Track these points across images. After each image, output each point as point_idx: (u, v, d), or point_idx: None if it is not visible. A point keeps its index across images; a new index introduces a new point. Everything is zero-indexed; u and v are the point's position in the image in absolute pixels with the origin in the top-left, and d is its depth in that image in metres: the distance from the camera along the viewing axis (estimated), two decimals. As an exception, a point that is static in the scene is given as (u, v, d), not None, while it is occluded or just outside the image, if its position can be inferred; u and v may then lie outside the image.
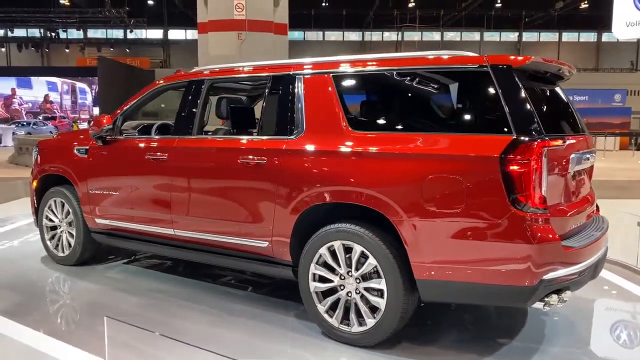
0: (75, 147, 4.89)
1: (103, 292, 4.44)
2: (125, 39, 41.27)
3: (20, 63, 42.40)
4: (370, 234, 3.23)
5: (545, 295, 2.94)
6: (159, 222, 4.31)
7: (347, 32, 48.75)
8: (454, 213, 2.98)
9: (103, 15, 32.17)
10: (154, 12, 40.83)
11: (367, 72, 3.54)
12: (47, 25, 36.61)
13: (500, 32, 49.57)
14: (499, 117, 2.95)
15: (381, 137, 3.31)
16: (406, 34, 48.17)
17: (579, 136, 3.51)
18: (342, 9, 43.90)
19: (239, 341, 3.48)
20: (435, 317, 3.90)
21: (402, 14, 44.63)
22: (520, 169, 2.83)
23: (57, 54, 44.23)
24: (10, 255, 5.62)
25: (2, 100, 35.83)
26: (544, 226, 2.87)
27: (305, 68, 3.74)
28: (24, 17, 34.24)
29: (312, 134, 3.56)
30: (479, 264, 2.96)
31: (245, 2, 18.62)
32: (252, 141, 3.86)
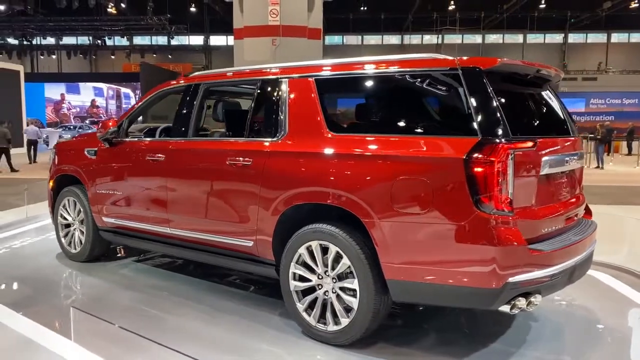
0: (85, 149, 5.13)
1: (107, 288, 4.64)
2: (169, 45, 42.46)
3: (70, 69, 44.35)
4: (344, 234, 3.29)
5: (513, 298, 2.91)
6: (156, 221, 4.49)
7: (386, 35, 48.58)
8: (421, 214, 3.00)
9: (145, 23, 33.24)
10: (196, 19, 41.85)
11: (344, 76, 3.61)
12: (94, 33, 38.18)
13: (545, 34, 48.31)
14: (467, 119, 2.96)
15: (355, 140, 3.37)
16: (446, 36, 47.62)
17: (563, 138, 3.46)
18: (381, 12, 43.77)
19: (218, 337, 3.59)
20: (418, 319, 3.92)
21: (442, 17, 44.14)
22: (484, 171, 2.83)
23: (104, 61, 45.95)
24: (29, 251, 5.94)
25: (52, 105, 37.55)
26: (509, 228, 2.86)
27: (290, 72, 3.83)
28: (72, 25, 35.78)
29: (294, 136, 3.65)
30: (446, 266, 2.97)
31: (280, 8, 18.88)
32: (239, 143, 3.98)
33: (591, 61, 45.72)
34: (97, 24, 35.58)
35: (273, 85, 3.86)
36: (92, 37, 39.32)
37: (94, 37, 39.16)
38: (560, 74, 3.76)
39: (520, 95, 3.44)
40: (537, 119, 3.51)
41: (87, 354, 3.23)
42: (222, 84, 4.47)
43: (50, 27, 36.44)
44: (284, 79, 3.80)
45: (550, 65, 3.55)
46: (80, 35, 41.06)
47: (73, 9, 28.03)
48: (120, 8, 30.12)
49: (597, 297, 4.51)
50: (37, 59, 44.27)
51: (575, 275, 3.27)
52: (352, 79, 3.60)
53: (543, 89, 3.70)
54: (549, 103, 3.66)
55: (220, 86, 4.52)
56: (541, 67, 3.40)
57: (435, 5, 41.06)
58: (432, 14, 43.22)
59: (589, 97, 40.65)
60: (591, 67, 45.12)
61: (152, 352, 3.32)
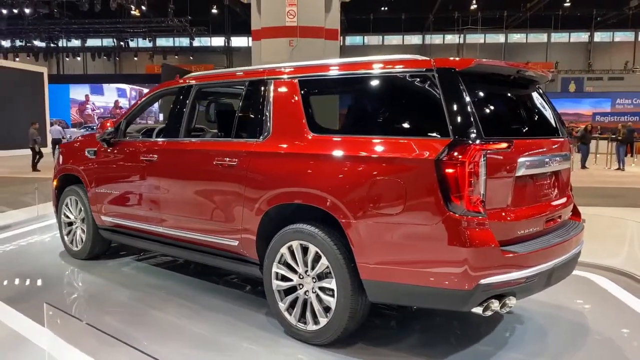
0: (86, 149, 5.26)
1: (105, 285, 4.74)
2: (190, 47, 43.00)
3: (95, 71, 45.26)
4: (322, 234, 3.31)
5: (485, 300, 2.90)
6: (150, 220, 4.58)
7: (407, 35, 48.32)
8: (394, 215, 3.00)
9: (166, 25, 33.72)
10: (217, 20, 42.26)
11: (325, 77, 3.63)
12: (117, 35, 38.92)
13: (570, 33, 47.47)
14: (441, 120, 2.95)
15: (332, 140, 3.39)
16: (468, 36, 47.16)
17: (545, 140, 3.43)
18: (402, 12, 43.53)
19: (201, 334, 3.65)
20: (403, 321, 3.91)
21: (463, 16, 43.72)
22: (455, 172, 2.82)
23: (127, 62, 46.76)
24: (35, 249, 6.10)
25: (77, 105, 38.35)
26: (481, 230, 2.84)
27: (275, 73, 3.87)
28: (95, 27, 36.53)
29: (277, 137, 3.68)
30: (419, 267, 2.97)
31: (297, 9, 18.93)
32: (226, 143, 4.04)
33: (617, 60, 44.75)
34: (119, 26, 36.26)
35: (259, 86, 3.90)
36: (116, 39, 40.12)
37: (117, 39, 39.94)
38: (547, 75, 3.72)
39: (501, 96, 3.42)
40: (518, 120, 3.47)
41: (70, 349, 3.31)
42: (213, 85, 4.53)
43: (74, 29, 37.26)
44: (270, 80, 3.84)
45: (535, 66, 3.51)
46: (104, 37, 41.92)
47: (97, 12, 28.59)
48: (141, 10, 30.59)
49: (589, 300, 4.45)
50: (63, 60, 45.30)
51: (554, 277, 3.24)
52: (333, 81, 3.63)
53: (529, 89, 3.67)
54: (534, 104, 3.63)
55: (212, 87, 4.58)
56: (523, 68, 3.37)
57: (456, 5, 40.68)
58: (453, 14, 42.86)
59: (615, 97, 39.84)
60: (617, 67, 44.17)
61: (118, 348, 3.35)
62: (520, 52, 46.72)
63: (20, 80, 22.44)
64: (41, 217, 7.56)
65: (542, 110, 3.65)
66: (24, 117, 20.97)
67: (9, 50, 39.27)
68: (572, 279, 4.89)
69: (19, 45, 38.00)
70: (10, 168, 16.31)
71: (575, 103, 44.23)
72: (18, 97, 21.66)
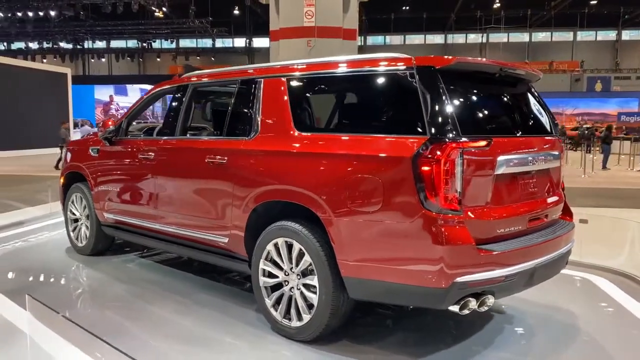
0: (90, 148, 5.38)
1: (105, 280, 4.85)
2: (213, 48, 43.42)
3: (120, 72, 46.07)
4: (306, 231, 3.34)
5: (462, 298, 2.89)
6: (148, 217, 4.67)
7: (429, 35, 47.99)
8: (373, 213, 3.01)
9: (188, 26, 34.13)
10: (239, 21, 42.60)
11: (310, 76, 3.66)
12: (139, 36, 39.56)
13: (596, 31, 46.55)
14: (420, 118, 2.95)
15: (315, 138, 3.42)
16: (491, 35, 46.61)
17: (531, 138, 3.40)
18: (423, 12, 43.25)
19: (188, 328, 3.71)
20: (391, 319, 3.92)
21: (486, 15, 43.25)
22: (431, 170, 2.82)
23: (151, 63, 47.47)
24: (43, 244, 6.26)
25: (101, 106, 39.06)
26: (456, 228, 2.84)
27: (265, 72, 3.91)
28: (119, 29, 37.18)
29: (265, 135, 3.72)
30: (396, 264, 2.98)
31: (315, 9, 18.98)
32: (217, 142, 4.10)
33: (646, 59, 43.75)
34: (142, 27, 36.81)
35: (250, 85, 3.95)
36: (139, 41, 40.78)
37: (141, 40, 40.58)
38: (538, 74, 3.69)
39: (485, 94, 3.40)
40: (502, 118, 3.45)
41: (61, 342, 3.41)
42: (208, 84, 4.59)
43: (98, 31, 37.99)
44: (260, 79, 3.89)
45: (522, 64, 3.48)
46: (128, 38, 42.65)
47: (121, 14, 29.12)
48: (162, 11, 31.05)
49: (585, 302, 4.38)
50: (88, 62, 46.22)
51: (537, 277, 3.20)
52: (318, 79, 3.65)
53: (519, 88, 3.64)
54: (522, 103, 3.60)
55: (207, 86, 4.64)
56: (507, 66, 3.34)
57: (479, 4, 40.26)
58: (476, 13, 42.45)
59: (642, 97, 38.94)
60: (646, 65, 43.18)
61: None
62: (544, 51, 46.02)
63: (45, 81, 22.99)
64: (53, 214, 7.73)
65: (531, 109, 3.62)
66: (48, 117, 21.50)
67: (37, 52, 40.23)
68: (571, 279, 4.88)
69: (46, 47, 38.88)
70: (33, 166, 16.71)
71: (602, 103, 43.36)
72: (43, 98, 22.18)
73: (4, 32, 34.42)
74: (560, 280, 4.76)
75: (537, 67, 43.16)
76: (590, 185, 13.00)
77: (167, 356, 3.31)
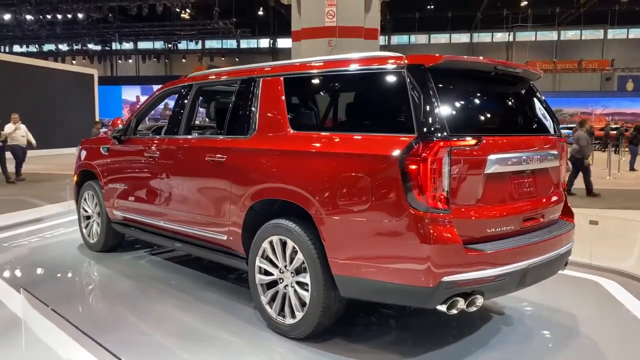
0: (101, 146, 5.50)
1: (110, 276, 4.97)
2: (237, 48, 43.81)
3: (147, 72, 46.87)
4: (299, 229, 3.36)
5: (450, 298, 2.87)
6: (152, 214, 4.76)
7: (455, 34, 47.49)
8: (362, 211, 3.02)
9: (212, 27, 34.51)
10: (263, 22, 42.86)
11: (305, 75, 3.68)
12: (165, 37, 40.20)
13: (628, 29, 45.35)
14: (408, 116, 2.95)
15: (307, 137, 3.44)
16: (519, 34, 45.88)
17: (527, 137, 3.35)
18: (448, 10, 42.81)
19: (186, 324, 3.77)
20: (387, 318, 3.91)
21: (513, 14, 42.57)
22: (417, 169, 2.81)
23: (177, 64, 48.12)
24: (58, 240, 6.44)
25: (128, 106, 39.81)
26: (443, 227, 2.82)
27: (264, 71, 3.95)
28: (145, 30, 37.84)
29: (262, 134, 3.76)
30: (384, 263, 2.97)
31: (337, 9, 18.98)
32: (217, 140, 4.15)
33: (681, 57, 42.47)
34: (167, 28, 37.39)
35: (250, 84, 3.98)
36: (165, 42, 41.44)
37: (166, 41, 41.24)
38: (538, 72, 3.64)
39: (480, 93, 3.36)
40: (496, 117, 3.41)
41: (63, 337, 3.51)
42: (211, 84, 4.65)
43: (125, 32, 38.73)
44: (259, 78, 3.92)
45: (520, 63, 3.44)
46: (155, 40, 43.37)
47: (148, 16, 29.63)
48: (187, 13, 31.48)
49: (589, 304, 4.30)
50: (116, 63, 47.15)
51: (529, 277, 3.16)
52: (313, 78, 3.67)
53: (518, 87, 3.59)
54: (520, 102, 3.55)
55: (210, 86, 4.70)
56: (502, 64, 3.30)
57: (505, 2, 39.64)
58: (502, 11, 41.78)
59: (680, 96, 37.82)
60: (681, 64, 41.90)
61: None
62: (574, 50, 45.06)
63: (72, 81, 23.53)
64: (71, 212, 7.91)
65: (529, 108, 3.57)
66: (75, 117, 22.00)
67: (67, 54, 41.21)
68: (578, 281, 4.79)
69: (76, 48, 39.82)
70: (58, 165, 17.09)
71: (633, 102, 42.28)
72: (70, 98, 22.72)
73: (35, 35, 35.35)
74: (567, 282, 4.71)
75: (566, 66, 42.59)
76: (613, 186, 12.69)
77: (162, 351, 3.36)
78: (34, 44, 39.80)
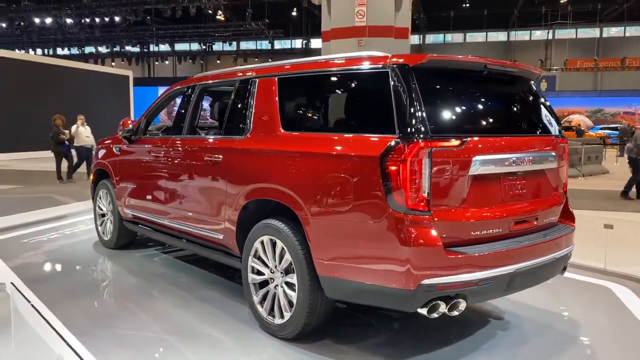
0: (114, 146, 5.63)
1: (118, 272, 5.12)
2: (271, 49, 44.18)
3: (184, 74, 47.77)
4: (287, 229, 3.35)
5: (431, 301, 2.81)
6: (157, 213, 4.84)
7: (491, 32, 46.61)
8: (344, 212, 2.99)
9: (245, 28, 34.90)
10: (297, 22, 43.03)
11: (294, 75, 3.69)
12: (200, 39, 40.90)
13: (676, 25, 43.59)
14: (391, 117, 2.90)
15: (295, 137, 3.44)
16: (558, 31, 44.69)
17: (520, 138, 3.26)
18: (484, 9, 42.02)
19: (181, 321, 3.82)
20: (380, 320, 3.86)
21: (552, 11, 41.51)
22: (397, 170, 2.77)
23: (212, 65, 48.85)
24: (75, 236, 6.62)
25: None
26: (423, 229, 2.76)
27: (260, 72, 3.96)
28: (180, 32, 38.60)
29: (256, 134, 3.77)
30: (365, 264, 2.94)
31: (367, 9, 18.88)
32: (215, 140, 4.19)
33: None
34: (202, 30, 38.02)
35: (247, 85, 4.00)
36: (200, 43, 42.18)
37: (201, 43, 41.96)
38: (537, 72, 3.54)
39: (470, 93, 3.27)
40: (487, 117, 3.31)
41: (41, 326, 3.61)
42: (214, 85, 4.69)
43: (161, 34, 39.59)
44: (255, 79, 3.94)
45: (514, 62, 3.34)
46: (190, 41, 44.18)
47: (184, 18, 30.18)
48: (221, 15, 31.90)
49: (593, 310, 4.14)
50: (153, 64, 48.25)
51: (518, 282, 3.06)
52: (304, 78, 3.65)
53: (515, 86, 3.50)
54: (516, 101, 3.46)
55: (212, 86, 4.75)
56: (494, 64, 3.21)
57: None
58: (540, 8, 40.79)
59: None
60: None
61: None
62: (617, 47, 43.58)
63: (108, 83, 24.20)
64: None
65: (525, 108, 3.47)
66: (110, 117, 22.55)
67: (106, 56, 42.42)
68: (588, 286, 4.64)
69: (115, 50, 40.96)
70: (93, 164, 17.58)
71: (679, 102, 40.57)
72: (106, 99, 23.36)
73: (75, 38, 36.51)
74: (576, 287, 4.58)
75: (608, 64, 41.21)
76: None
77: (149, 348, 3.40)
78: (75, 46, 41.12)
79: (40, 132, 18.53)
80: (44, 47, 42.86)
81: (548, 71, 43.45)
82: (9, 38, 38.10)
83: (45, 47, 42.65)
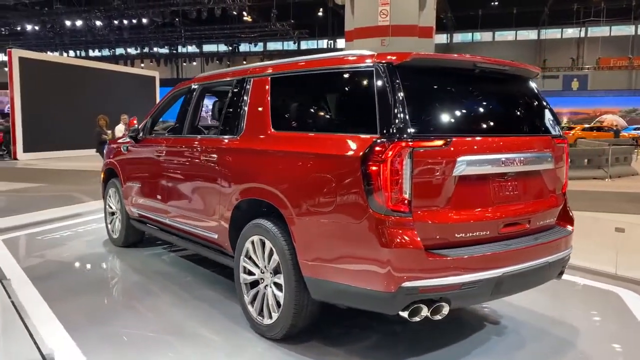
0: (122, 146, 5.71)
1: (124, 270, 5.19)
2: (297, 50, 44.31)
3: (210, 74, 48.40)
4: (275, 229, 3.33)
5: (412, 304, 2.75)
6: (159, 211, 4.89)
7: (521, 30, 45.73)
8: (326, 213, 2.96)
9: (270, 29, 35.07)
10: (322, 23, 43.03)
11: (284, 75, 3.67)
12: (226, 40, 41.30)
13: None
14: (374, 116, 2.85)
15: (282, 137, 3.41)
16: (591, 29, 43.57)
17: (511, 138, 3.16)
18: (513, 7, 41.23)
19: (174, 319, 3.85)
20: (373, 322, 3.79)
21: (585, 8, 40.49)
22: (377, 170, 2.72)
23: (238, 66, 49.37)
24: (85, 234, 6.72)
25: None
26: (404, 230, 2.71)
27: (256, 71, 3.95)
28: (206, 34, 39.04)
29: (249, 134, 3.77)
30: (347, 266, 2.90)
31: (390, 8, 18.75)
32: (212, 140, 4.20)
33: None
34: (227, 31, 38.37)
35: (243, 85, 4.00)
36: (226, 44, 42.61)
37: (227, 44, 42.37)
38: (535, 70, 3.44)
39: (460, 91, 3.19)
40: (477, 116, 3.21)
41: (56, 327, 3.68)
42: (213, 85, 4.70)
43: (188, 36, 40.13)
44: (250, 79, 3.93)
45: (505, 60, 3.25)
46: (218, 43, 44.67)
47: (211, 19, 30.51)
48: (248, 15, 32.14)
49: (596, 316, 4.00)
50: (181, 65, 48.93)
51: (507, 286, 2.96)
52: (294, 78, 3.63)
53: (509, 85, 3.40)
54: (511, 100, 3.36)
55: (212, 87, 4.76)
56: (484, 62, 3.12)
57: (575, -4, 37.84)
58: (572, 6, 39.83)
59: None
60: None
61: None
62: (653, 45, 42.31)
63: (135, 83, 24.61)
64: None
65: (520, 108, 3.37)
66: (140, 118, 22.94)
67: (135, 57, 43.21)
68: (595, 292, 4.49)
69: (143, 52, 41.70)
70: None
71: None
72: (133, 99, 23.73)
73: (106, 40, 37.29)
74: (583, 292, 4.45)
75: (642, 62, 39.94)
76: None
77: (137, 346, 3.42)
78: (106, 48, 42.01)
79: (69, 132, 19.03)
80: (76, 49, 43.93)
81: (580, 70, 42.42)
82: (42, 40, 39.16)
83: (77, 49, 43.67)
